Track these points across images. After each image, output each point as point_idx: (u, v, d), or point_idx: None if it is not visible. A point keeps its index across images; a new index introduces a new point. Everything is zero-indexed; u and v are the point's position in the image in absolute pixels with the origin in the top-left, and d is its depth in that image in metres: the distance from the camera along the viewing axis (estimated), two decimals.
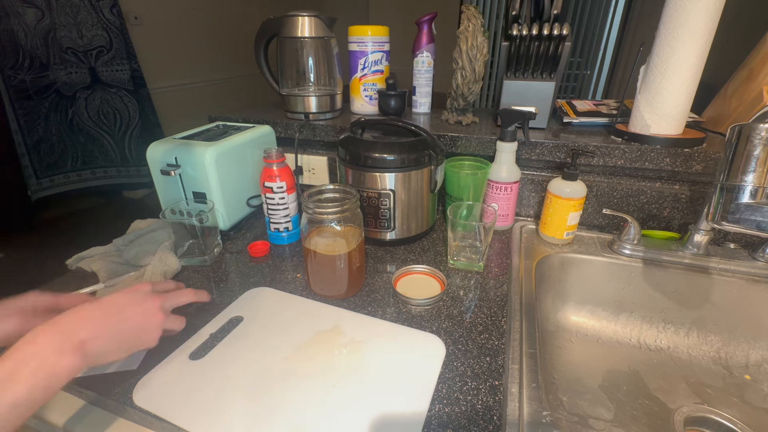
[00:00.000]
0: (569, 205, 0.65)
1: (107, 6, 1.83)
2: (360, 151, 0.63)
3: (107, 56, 1.95)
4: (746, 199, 0.45)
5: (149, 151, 0.67)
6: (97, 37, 1.89)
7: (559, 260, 0.67)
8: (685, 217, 0.70)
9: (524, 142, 0.70)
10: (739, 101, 0.72)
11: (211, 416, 0.38)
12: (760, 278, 0.60)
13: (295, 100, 0.87)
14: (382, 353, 0.46)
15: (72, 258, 0.62)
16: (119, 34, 1.92)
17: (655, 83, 0.64)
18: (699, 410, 0.54)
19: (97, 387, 0.42)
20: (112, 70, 1.98)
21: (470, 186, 0.71)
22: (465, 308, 0.54)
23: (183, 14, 2.17)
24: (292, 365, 0.44)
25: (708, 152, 0.64)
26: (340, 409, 0.39)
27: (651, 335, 0.66)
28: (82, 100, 2.02)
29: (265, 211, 0.69)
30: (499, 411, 0.39)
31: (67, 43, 1.84)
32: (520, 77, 0.76)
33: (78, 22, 1.81)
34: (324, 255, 0.53)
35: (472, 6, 0.77)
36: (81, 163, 2.11)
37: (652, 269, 0.65)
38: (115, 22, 1.88)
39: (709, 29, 0.58)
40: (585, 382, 0.58)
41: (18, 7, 1.67)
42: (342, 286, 0.55)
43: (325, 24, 0.84)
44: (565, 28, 0.69)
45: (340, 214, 0.52)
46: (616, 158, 0.68)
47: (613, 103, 0.86)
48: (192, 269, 0.63)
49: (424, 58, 0.88)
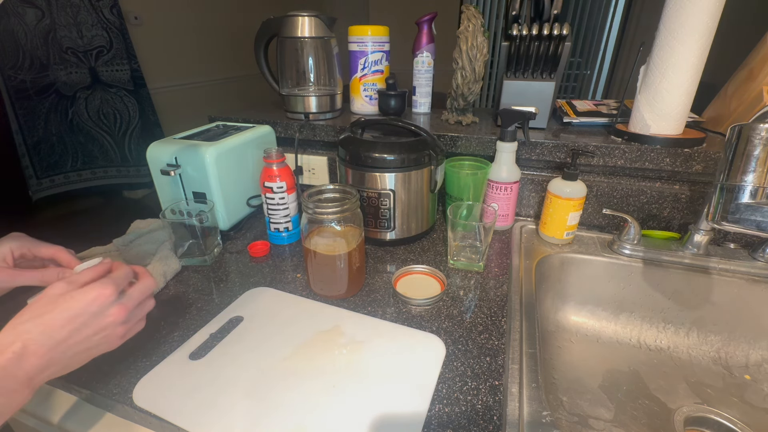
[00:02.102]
0: (569, 205, 0.65)
1: (107, 6, 1.83)
2: (360, 151, 0.63)
3: (107, 56, 1.95)
4: (746, 199, 0.45)
5: (149, 151, 0.67)
6: (97, 37, 1.89)
7: (559, 260, 0.67)
8: (685, 217, 0.70)
9: (524, 142, 0.70)
10: (739, 101, 0.72)
11: (211, 416, 0.38)
12: (760, 278, 0.60)
13: (295, 100, 0.87)
14: (382, 353, 0.46)
15: None
16: (119, 34, 1.92)
17: (655, 83, 0.64)
18: (699, 410, 0.54)
19: (96, 386, 0.42)
20: (112, 70, 1.98)
21: (470, 186, 0.71)
22: (465, 308, 0.54)
23: (183, 14, 2.17)
24: (292, 365, 0.44)
25: (708, 152, 0.64)
26: (340, 409, 0.39)
27: (651, 335, 0.66)
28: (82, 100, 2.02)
29: (265, 211, 0.69)
30: (499, 411, 0.39)
31: (67, 43, 1.84)
32: (520, 77, 0.76)
33: (78, 22, 1.81)
34: (324, 255, 0.53)
35: (472, 6, 0.77)
36: (81, 163, 2.10)
37: (652, 269, 0.65)
38: (115, 22, 1.88)
39: (709, 29, 0.58)
40: (585, 382, 0.58)
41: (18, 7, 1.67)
42: (342, 286, 0.55)
43: (325, 24, 0.84)
44: (565, 28, 0.69)
45: (340, 214, 0.52)
46: (616, 158, 0.68)
47: (613, 103, 0.86)
48: (192, 269, 0.63)
49: (424, 58, 0.88)
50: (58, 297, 0.34)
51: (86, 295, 0.34)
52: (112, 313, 0.36)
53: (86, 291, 0.35)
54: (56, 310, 0.33)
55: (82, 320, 0.34)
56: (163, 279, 0.58)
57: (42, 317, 0.33)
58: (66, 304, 0.33)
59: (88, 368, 0.44)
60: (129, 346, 0.48)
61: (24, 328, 0.32)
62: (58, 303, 0.33)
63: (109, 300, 0.35)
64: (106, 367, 0.44)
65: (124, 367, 0.44)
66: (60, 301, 0.34)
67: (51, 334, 0.32)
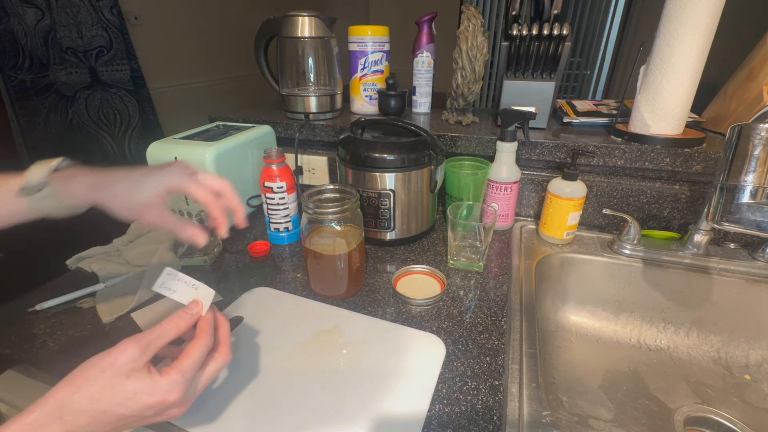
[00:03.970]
0: (569, 205, 0.65)
1: (107, 6, 1.83)
2: (360, 151, 0.63)
3: (107, 56, 1.95)
4: (746, 199, 0.45)
5: (149, 150, 0.67)
6: (97, 37, 1.89)
7: (559, 260, 0.67)
8: (685, 217, 0.70)
9: (524, 142, 0.70)
10: (739, 101, 0.72)
11: (211, 416, 0.38)
12: (760, 278, 0.60)
13: (295, 100, 0.87)
14: (382, 353, 0.46)
15: (72, 258, 0.62)
16: (119, 34, 1.92)
17: (655, 83, 0.63)
18: (699, 410, 0.54)
19: None
20: (112, 70, 1.98)
21: (470, 186, 0.71)
22: (465, 308, 0.54)
23: (183, 14, 2.17)
24: (292, 365, 0.44)
25: (708, 152, 0.64)
26: (340, 409, 0.39)
27: (651, 335, 0.66)
28: (82, 100, 2.02)
29: (265, 211, 0.69)
30: (499, 411, 0.39)
31: (67, 43, 1.84)
32: (520, 77, 0.76)
33: (78, 22, 1.81)
34: (324, 255, 0.53)
35: (472, 6, 0.77)
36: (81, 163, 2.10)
37: (652, 269, 0.65)
38: (115, 22, 1.88)
39: (709, 29, 0.58)
40: (585, 382, 0.58)
41: (18, 7, 1.67)
42: (342, 286, 0.55)
43: (325, 24, 0.84)
44: (565, 28, 0.69)
45: (340, 214, 0.52)
46: (616, 158, 0.68)
47: (613, 103, 0.86)
48: (192, 269, 0.63)
49: (424, 58, 0.88)
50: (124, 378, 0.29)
51: (148, 398, 0.29)
52: (169, 414, 0.31)
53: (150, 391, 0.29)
54: (112, 400, 0.28)
55: (131, 420, 0.30)
56: None
57: (96, 405, 0.28)
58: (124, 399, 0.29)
59: None
60: None
61: (72, 417, 0.27)
62: (117, 392, 0.28)
63: (170, 406, 0.30)
64: None
65: None
66: (120, 390, 0.29)
67: (96, 428, 0.28)
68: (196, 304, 0.34)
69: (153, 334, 0.31)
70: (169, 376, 0.30)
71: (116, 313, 0.52)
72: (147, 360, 0.30)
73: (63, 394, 0.28)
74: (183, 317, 0.33)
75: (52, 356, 0.46)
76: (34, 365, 0.45)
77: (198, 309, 0.34)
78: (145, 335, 0.31)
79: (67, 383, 0.28)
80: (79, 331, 0.50)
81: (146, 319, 0.52)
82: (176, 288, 0.34)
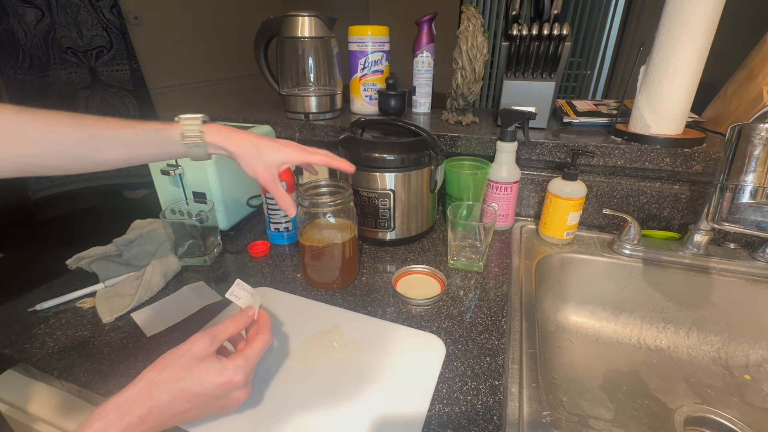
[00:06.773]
0: (569, 205, 0.65)
1: (107, 6, 1.83)
2: (360, 151, 0.63)
3: (107, 56, 1.95)
4: (746, 199, 0.45)
5: None
6: (97, 37, 1.89)
7: (559, 260, 0.67)
8: (685, 217, 0.70)
9: (524, 142, 0.70)
10: (739, 101, 0.72)
11: (211, 416, 0.38)
12: (760, 278, 0.60)
13: (295, 100, 0.87)
14: (382, 353, 0.46)
15: (72, 258, 0.62)
16: (119, 34, 1.92)
17: (655, 83, 0.63)
18: (699, 410, 0.54)
19: (96, 386, 0.42)
20: (112, 70, 1.98)
21: (470, 186, 0.71)
22: (465, 308, 0.54)
23: (183, 14, 2.17)
24: (291, 365, 0.44)
25: (708, 152, 0.64)
26: (340, 409, 0.39)
27: (651, 335, 0.66)
28: (82, 100, 2.02)
29: (265, 211, 0.69)
30: (499, 411, 0.39)
31: (67, 43, 1.84)
32: (520, 77, 0.76)
33: (78, 22, 1.81)
34: (318, 246, 0.55)
35: (472, 6, 0.77)
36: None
37: (652, 269, 0.65)
38: (115, 22, 1.88)
39: (709, 29, 0.58)
40: (585, 382, 0.58)
41: (18, 7, 1.67)
42: (335, 275, 0.57)
43: (325, 24, 0.84)
44: (565, 28, 0.69)
45: (334, 206, 0.53)
46: (616, 158, 0.68)
47: (613, 103, 0.86)
48: (192, 269, 0.63)
49: (424, 58, 0.88)
50: (198, 362, 0.34)
51: (218, 377, 0.34)
52: (234, 396, 0.36)
53: (220, 371, 0.34)
54: (189, 380, 0.33)
55: (204, 399, 0.34)
56: (163, 279, 0.58)
57: (177, 384, 0.33)
58: (200, 378, 0.33)
59: (88, 368, 0.44)
60: (128, 346, 0.48)
61: (159, 393, 0.32)
62: (193, 373, 0.33)
63: (236, 387, 0.35)
64: (106, 367, 0.44)
65: (124, 368, 0.44)
66: (195, 371, 0.33)
67: (175, 405, 0.33)
68: (251, 308, 0.41)
69: (218, 329, 0.37)
70: (234, 361, 0.35)
71: (116, 313, 0.52)
72: (215, 349, 0.36)
73: (150, 375, 0.33)
74: (242, 318, 0.40)
75: (52, 356, 0.46)
76: (34, 365, 0.45)
77: (252, 312, 0.41)
78: (213, 330, 0.36)
79: (152, 367, 0.33)
80: (79, 331, 0.50)
81: (146, 318, 0.52)
82: (240, 296, 0.41)
